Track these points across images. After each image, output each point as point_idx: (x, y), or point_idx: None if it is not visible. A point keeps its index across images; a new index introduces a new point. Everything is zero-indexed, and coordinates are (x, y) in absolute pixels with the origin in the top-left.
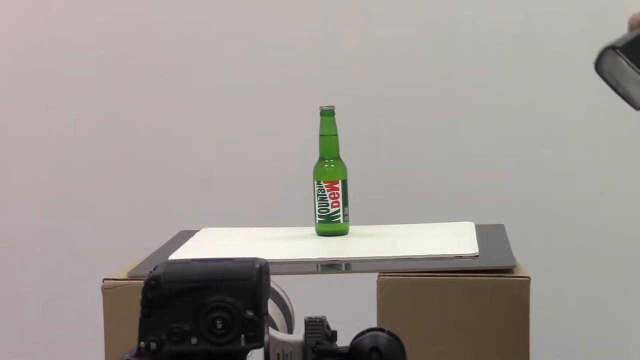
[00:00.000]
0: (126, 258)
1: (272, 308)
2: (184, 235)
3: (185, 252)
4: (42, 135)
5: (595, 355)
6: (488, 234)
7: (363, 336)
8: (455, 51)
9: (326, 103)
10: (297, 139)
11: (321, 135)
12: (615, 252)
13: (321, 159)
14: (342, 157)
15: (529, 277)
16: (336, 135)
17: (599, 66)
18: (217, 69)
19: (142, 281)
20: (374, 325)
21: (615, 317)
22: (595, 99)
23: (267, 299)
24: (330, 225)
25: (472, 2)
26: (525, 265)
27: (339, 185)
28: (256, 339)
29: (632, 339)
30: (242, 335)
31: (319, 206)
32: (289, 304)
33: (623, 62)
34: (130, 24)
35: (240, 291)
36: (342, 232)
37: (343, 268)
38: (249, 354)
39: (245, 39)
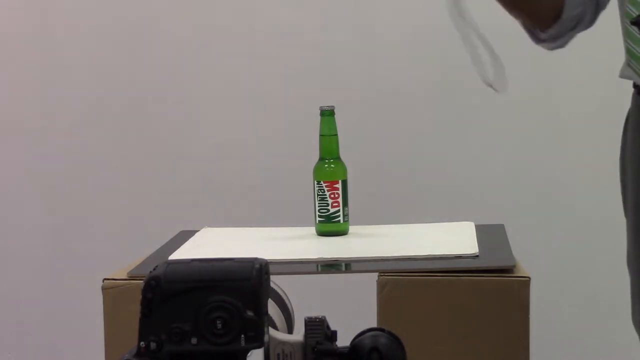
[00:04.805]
0: (126, 258)
1: (272, 308)
2: (184, 235)
3: (185, 252)
4: (42, 135)
5: (595, 355)
6: (488, 234)
7: (363, 336)
8: (455, 51)
9: (326, 103)
10: (297, 139)
11: (321, 135)
12: (616, 252)
13: (321, 159)
14: (342, 157)
15: (529, 277)
16: (336, 135)
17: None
18: (217, 69)
19: (142, 281)
20: (374, 325)
21: (615, 316)
22: (595, 99)
23: (267, 299)
24: (330, 225)
25: (473, 1)
26: (525, 265)
27: (339, 185)
28: (256, 339)
29: (632, 338)
30: (242, 335)
31: (319, 206)
32: (289, 304)
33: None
34: (132, 24)
35: (240, 291)
36: (342, 232)
37: (343, 268)
38: (249, 354)
39: (245, 40)
